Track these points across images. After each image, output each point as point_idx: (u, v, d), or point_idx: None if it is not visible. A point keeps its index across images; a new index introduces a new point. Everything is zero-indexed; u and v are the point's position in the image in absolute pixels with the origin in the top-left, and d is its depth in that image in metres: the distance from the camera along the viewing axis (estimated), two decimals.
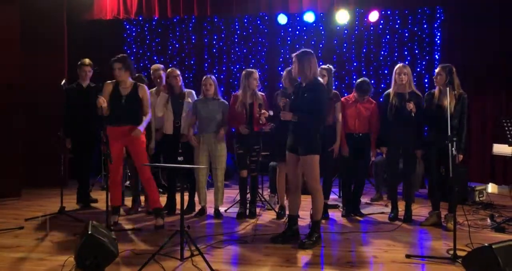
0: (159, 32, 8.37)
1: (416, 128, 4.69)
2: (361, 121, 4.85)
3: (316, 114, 3.80)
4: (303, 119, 3.83)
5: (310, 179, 3.86)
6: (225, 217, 4.94)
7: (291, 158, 3.99)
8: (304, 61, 3.82)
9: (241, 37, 8.21)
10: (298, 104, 3.89)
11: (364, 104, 4.91)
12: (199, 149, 4.83)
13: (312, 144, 3.83)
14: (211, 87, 4.82)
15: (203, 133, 4.83)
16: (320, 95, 3.82)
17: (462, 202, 5.58)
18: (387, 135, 4.74)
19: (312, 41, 7.93)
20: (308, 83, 3.87)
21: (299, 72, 3.87)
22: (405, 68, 4.71)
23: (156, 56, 8.38)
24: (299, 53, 3.89)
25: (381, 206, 5.55)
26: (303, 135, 3.84)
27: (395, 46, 7.67)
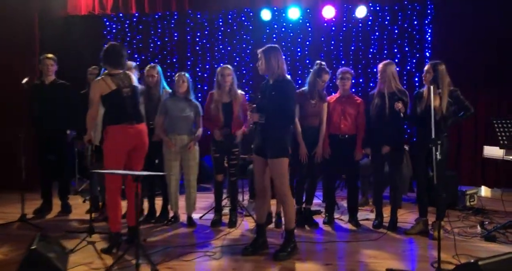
0: (140, 29, 8.05)
1: (400, 130, 4.41)
2: (347, 121, 4.54)
3: (284, 114, 3.51)
4: (271, 120, 3.54)
5: (279, 184, 3.57)
6: (199, 225, 4.63)
7: (258, 162, 3.69)
8: (271, 57, 3.53)
9: (225, 34, 7.90)
10: (265, 103, 3.59)
11: (350, 102, 4.60)
12: (170, 152, 4.51)
13: (281, 147, 3.54)
14: (183, 85, 4.51)
15: (173, 134, 4.52)
16: (288, 93, 3.52)
17: (452, 207, 5.30)
18: (371, 136, 4.45)
19: (299, 38, 7.65)
20: (275, 80, 3.57)
21: (266, 69, 3.58)
22: (390, 65, 4.41)
23: (137, 54, 8.06)
24: (265, 48, 3.60)
25: (366, 211, 5.25)
26: (271, 137, 3.55)
27: (384, 43, 7.38)
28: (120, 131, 3.71)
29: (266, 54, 3.56)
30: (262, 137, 3.62)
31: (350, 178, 4.73)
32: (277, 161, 3.51)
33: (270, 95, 3.55)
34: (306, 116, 4.50)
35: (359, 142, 4.55)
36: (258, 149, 3.67)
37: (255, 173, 3.75)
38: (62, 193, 5.15)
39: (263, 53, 3.57)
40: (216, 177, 4.60)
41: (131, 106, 3.78)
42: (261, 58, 3.58)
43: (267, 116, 3.53)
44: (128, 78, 3.85)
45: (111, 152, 3.70)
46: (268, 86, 3.62)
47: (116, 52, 3.82)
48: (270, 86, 3.59)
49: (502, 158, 4.49)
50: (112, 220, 3.69)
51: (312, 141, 4.46)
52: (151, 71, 4.70)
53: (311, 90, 4.48)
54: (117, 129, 3.72)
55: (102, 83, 3.74)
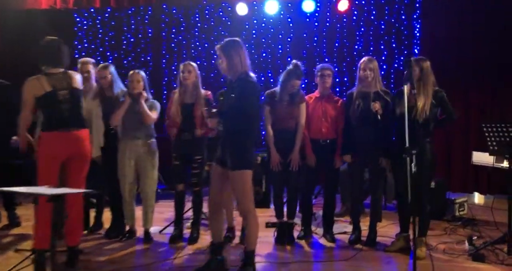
0: (112, 25, 7.63)
1: (384, 134, 3.96)
2: (328, 124, 4.09)
3: (245, 119, 3.06)
4: (230, 126, 3.09)
5: (241, 199, 3.13)
6: (157, 241, 4.17)
7: (216, 172, 3.24)
8: (232, 54, 3.08)
9: (202, 30, 7.45)
10: (226, 107, 3.14)
11: (330, 101, 4.15)
12: (124, 158, 4.05)
13: (243, 157, 3.09)
14: (138, 85, 4.05)
15: (127, 138, 4.06)
16: (248, 94, 3.06)
17: (440, 218, 4.86)
18: (351, 141, 3.99)
19: (280, 34, 7.22)
20: (237, 80, 3.12)
21: (228, 67, 3.12)
22: (371, 63, 3.96)
23: (109, 52, 7.65)
24: (224, 44, 3.13)
25: (345, 223, 4.80)
26: (232, 145, 3.10)
27: (370, 39, 6.94)
28: (54, 138, 3.26)
29: (226, 51, 3.09)
30: (222, 145, 3.18)
31: (328, 187, 4.28)
32: (239, 174, 3.06)
33: (230, 97, 3.10)
34: (277, 119, 4.05)
35: (338, 148, 4.10)
36: (219, 158, 3.22)
37: (212, 184, 3.30)
38: (7, 203, 4.67)
39: (222, 50, 3.11)
40: (176, 187, 4.15)
41: (67, 111, 3.33)
42: (220, 55, 3.12)
43: (226, 121, 3.07)
44: (68, 78, 3.39)
45: (44, 161, 3.26)
46: (231, 86, 3.16)
47: (54, 48, 3.37)
48: (233, 86, 3.13)
49: (492, 165, 4.04)
50: (39, 236, 3.21)
51: (286, 146, 4.01)
52: (103, 72, 4.23)
53: (281, 90, 4.04)
54: (51, 136, 3.27)
55: (36, 83, 3.28)
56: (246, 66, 3.11)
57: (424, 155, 3.54)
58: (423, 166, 3.54)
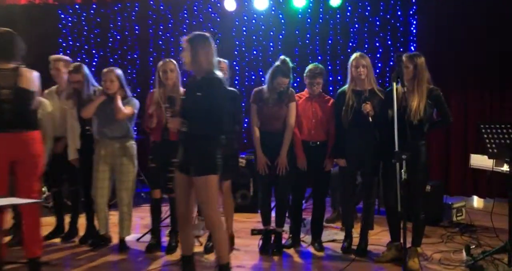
0: (98, 22, 7.31)
1: (377, 136, 3.69)
2: (318, 125, 3.83)
3: (212, 120, 2.79)
4: (195, 128, 2.82)
5: (206, 209, 2.85)
6: (133, 250, 3.91)
7: (180, 180, 2.96)
8: (198, 49, 2.82)
9: (191, 27, 7.14)
10: (189, 106, 2.87)
11: (321, 101, 3.89)
12: (98, 160, 3.79)
13: (208, 161, 2.83)
14: (112, 85, 3.77)
15: (102, 139, 3.80)
16: (217, 94, 2.80)
17: (436, 223, 4.60)
18: (343, 143, 3.72)
19: (271, 31, 6.91)
20: (203, 78, 2.86)
21: (191, 63, 2.86)
22: (363, 59, 3.69)
23: (94, 50, 7.36)
24: (192, 37, 2.88)
25: (335, 229, 4.53)
26: (195, 148, 2.83)
27: (365, 36, 6.63)
28: None
29: (193, 45, 2.84)
30: (185, 149, 2.90)
31: (318, 191, 4.01)
32: (203, 180, 2.80)
33: (194, 97, 2.83)
34: (263, 119, 3.80)
35: (329, 151, 3.84)
36: (181, 165, 2.94)
37: (177, 194, 3.03)
38: None
39: (189, 43, 2.85)
40: (153, 193, 3.88)
41: (9, 111, 3.04)
42: (186, 48, 2.86)
43: (191, 123, 2.81)
44: (16, 76, 3.09)
45: None
46: (194, 84, 2.90)
47: (5, 40, 3.10)
48: (196, 85, 2.88)
49: (492, 169, 3.77)
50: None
51: (274, 148, 3.74)
52: (75, 76, 3.93)
53: (268, 89, 3.77)
54: None
55: None
56: (212, 64, 2.87)
57: (417, 158, 3.28)
58: (417, 170, 3.29)
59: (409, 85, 3.42)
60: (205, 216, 2.87)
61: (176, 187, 3.01)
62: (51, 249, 3.89)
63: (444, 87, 3.58)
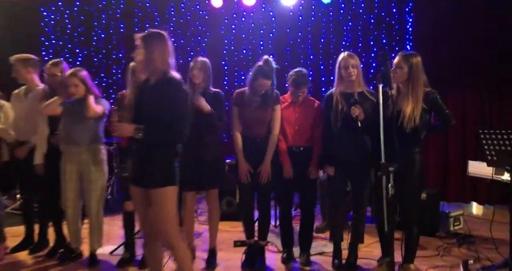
0: (81, 20, 7.06)
1: (369, 141, 3.41)
2: (302, 131, 3.55)
3: (174, 127, 2.52)
4: (151, 135, 2.53)
5: (163, 224, 2.53)
6: (105, 264, 3.62)
7: (137, 194, 2.66)
8: (154, 49, 2.53)
9: (178, 25, 6.90)
10: (143, 111, 2.58)
11: (305, 106, 3.61)
12: (65, 168, 3.50)
13: (165, 172, 2.54)
14: (77, 90, 3.47)
15: (69, 144, 3.51)
16: (176, 98, 2.53)
17: (432, 234, 4.32)
18: (332, 150, 3.44)
19: (261, 29, 6.67)
20: (158, 80, 2.58)
21: (145, 63, 2.57)
22: (352, 59, 3.39)
23: (78, 49, 7.09)
24: (147, 34, 2.59)
25: (324, 240, 4.25)
26: (152, 158, 2.55)
27: (358, 35, 6.38)
28: None
29: (147, 43, 2.54)
30: (139, 159, 2.61)
31: (304, 200, 3.72)
32: (159, 192, 2.51)
33: (151, 101, 2.55)
34: (245, 124, 3.52)
35: (315, 157, 3.55)
36: (135, 176, 2.65)
37: (137, 211, 2.74)
38: None
39: (143, 41, 2.56)
40: (125, 205, 3.59)
41: None
42: (140, 47, 2.57)
43: (148, 130, 2.52)
44: None
45: None
46: (148, 87, 2.62)
47: None
48: (151, 88, 2.60)
49: (491, 177, 3.48)
50: None
51: (256, 155, 3.46)
52: (53, 69, 3.69)
53: (249, 91, 3.48)
54: None
55: None
56: (169, 65, 2.57)
57: (411, 167, 3.01)
58: (410, 180, 3.01)
59: (403, 88, 3.13)
60: (162, 233, 2.55)
61: (134, 203, 2.72)
62: (15, 263, 3.61)
63: (441, 89, 3.29)
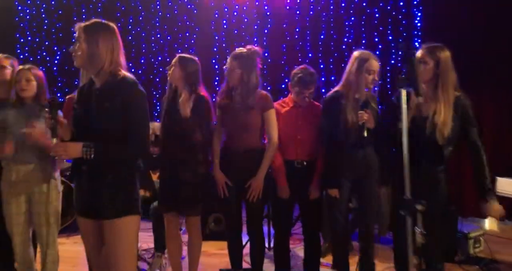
0: (60, 14, 6.58)
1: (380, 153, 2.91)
2: (306, 141, 2.99)
3: (133, 140, 1.95)
4: (107, 152, 1.95)
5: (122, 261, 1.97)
6: None
7: (88, 229, 2.11)
8: (98, 41, 2.03)
9: (164, 21, 6.37)
10: (92, 121, 2.00)
11: (310, 111, 3.05)
12: (9, 189, 2.90)
13: (125, 197, 2.00)
14: (28, 85, 2.89)
15: (13, 162, 2.90)
16: (131, 101, 1.98)
17: (450, 259, 3.74)
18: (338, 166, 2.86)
19: (255, 25, 6.13)
20: (106, 82, 2.03)
21: (85, 57, 2.02)
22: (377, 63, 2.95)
23: (56, 46, 6.60)
24: (89, 24, 2.09)
25: (326, 267, 3.64)
26: (104, 181, 1.99)
27: (362, 31, 5.84)
28: None
29: (90, 34, 2.03)
30: (89, 183, 2.02)
31: (307, 226, 3.13)
32: (116, 224, 1.94)
33: (99, 108, 1.97)
34: (227, 129, 2.97)
35: (317, 175, 2.98)
36: (84, 206, 2.07)
37: (87, 249, 2.16)
38: None
39: (85, 32, 2.04)
40: None
41: None
42: (80, 40, 2.03)
43: (98, 146, 1.93)
44: None
45: None
46: (93, 91, 2.04)
47: None
48: (98, 92, 2.02)
49: None
50: None
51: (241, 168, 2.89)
52: (3, 60, 3.08)
53: (234, 87, 2.94)
54: None
55: None
56: (119, 63, 2.06)
57: (435, 190, 2.43)
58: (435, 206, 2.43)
59: (428, 90, 2.56)
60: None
61: (84, 240, 2.13)
62: None
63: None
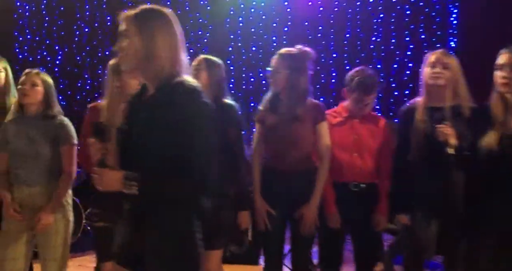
0: (61, 11, 6.31)
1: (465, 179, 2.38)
2: (365, 159, 2.56)
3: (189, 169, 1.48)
4: (155, 187, 1.50)
5: None
6: None
7: None
8: (152, 33, 1.53)
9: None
10: (137, 143, 1.54)
11: (370, 125, 2.62)
12: (8, 220, 2.47)
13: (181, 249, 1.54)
14: (32, 90, 2.47)
15: (18, 185, 2.48)
16: (190, 117, 1.49)
17: None
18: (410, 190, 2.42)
19: (274, 22, 5.81)
20: (160, 88, 1.55)
21: (143, 59, 1.53)
22: (446, 57, 2.40)
23: (58, 45, 6.33)
24: (140, 12, 1.56)
25: None
26: (156, 227, 1.54)
27: (391, 29, 5.54)
28: None
29: (144, 26, 1.53)
30: (133, 226, 1.60)
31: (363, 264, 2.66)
32: None
33: (147, 126, 1.51)
34: (270, 146, 2.56)
35: (383, 200, 2.54)
36: (125, 252, 1.63)
37: None
38: None
39: (136, 23, 1.53)
40: (101, 268, 2.54)
41: None
42: (130, 33, 1.53)
43: (145, 178, 1.48)
44: None
45: None
46: (144, 102, 1.60)
47: None
48: (148, 103, 1.57)
49: None
50: None
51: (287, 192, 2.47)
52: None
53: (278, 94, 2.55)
54: None
55: None
56: (180, 62, 1.56)
57: None
58: None
59: None
60: None
61: None
62: None
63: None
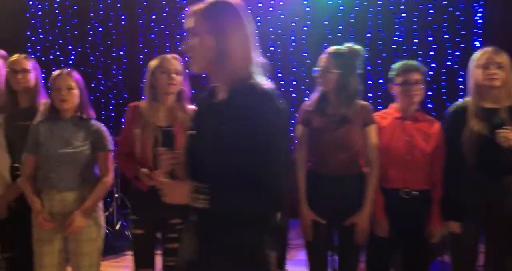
0: (75, 10, 6.17)
1: None
2: (417, 164, 2.42)
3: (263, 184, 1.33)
4: (225, 202, 1.36)
5: None
6: None
7: None
8: (227, 29, 1.40)
9: None
10: (206, 151, 1.40)
11: (421, 127, 2.47)
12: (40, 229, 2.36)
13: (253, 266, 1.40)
14: (70, 95, 2.36)
15: (49, 190, 2.37)
16: (265, 124, 1.34)
17: None
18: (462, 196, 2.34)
19: (293, 22, 5.66)
20: (232, 91, 1.42)
21: (216, 59, 1.41)
22: (498, 55, 2.37)
23: (71, 45, 6.19)
24: (208, 6, 1.42)
25: None
26: (222, 243, 1.40)
27: (414, 29, 5.38)
28: None
29: (215, 23, 1.40)
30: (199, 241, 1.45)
31: None
32: None
33: (217, 132, 1.38)
34: (315, 150, 2.43)
35: (435, 207, 2.41)
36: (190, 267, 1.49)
37: None
38: None
39: (206, 20, 1.41)
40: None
41: None
42: (200, 31, 1.41)
43: (214, 192, 1.35)
44: None
45: None
46: (214, 107, 1.46)
47: None
48: (218, 107, 1.44)
49: None
50: None
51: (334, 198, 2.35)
52: (17, 64, 2.59)
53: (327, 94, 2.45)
54: None
55: None
56: (251, 61, 1.43)
57: None
58: None
59: None
60: None
61: None
62: None
63: None
